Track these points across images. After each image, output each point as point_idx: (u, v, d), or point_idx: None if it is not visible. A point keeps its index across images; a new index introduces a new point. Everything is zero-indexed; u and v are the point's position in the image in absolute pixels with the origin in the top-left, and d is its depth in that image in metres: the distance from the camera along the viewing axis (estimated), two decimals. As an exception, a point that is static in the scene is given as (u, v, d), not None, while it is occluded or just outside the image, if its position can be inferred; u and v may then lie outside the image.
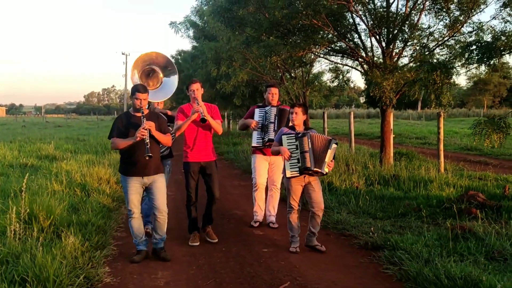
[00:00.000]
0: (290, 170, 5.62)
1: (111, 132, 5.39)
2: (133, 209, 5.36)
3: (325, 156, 5.58)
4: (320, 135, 5.68)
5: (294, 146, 5.62)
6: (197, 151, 6.12)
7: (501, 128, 6.53)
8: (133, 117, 5.39)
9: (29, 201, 6.14)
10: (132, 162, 5.31)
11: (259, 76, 16.51)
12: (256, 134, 6.99)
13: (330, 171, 5.76)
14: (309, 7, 9.73)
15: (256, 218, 7.09)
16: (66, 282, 4.26)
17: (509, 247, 5.21)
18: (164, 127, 5.53)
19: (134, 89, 5.36)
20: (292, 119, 5.82)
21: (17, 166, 11.76)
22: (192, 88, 6.07)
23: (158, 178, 5.44)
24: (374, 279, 4.82)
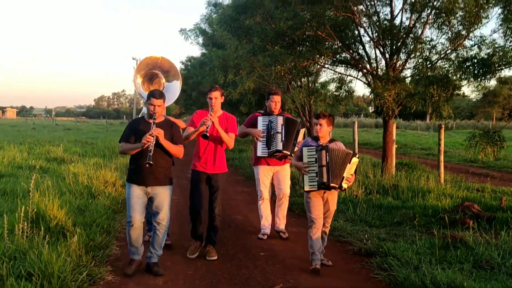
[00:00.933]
0: (308, 184, 5.41)
1: (122, 136, 5.29)
2: (133, 217, 5.11)
3: (344, 171, 5.29)
4: (340, 149, 5.40)
5: (313, 159, 5.41)
6: (206, 162, 5.88)
7: (495, 142, 6.71)
8: (144, 123, 5.22)
9: (37, 201, 6.40)
10: (136, 170, 5.14)
11: (265, 84, 16.76)
12: (261, 144, 6.71)
13: (350, 186, 5.58)
14: (314, 19, 9.98)
15: (264, 231, 6.87)
16: (69, 278, 4.50)
17: (496, 256, 5.39)
18: (177, 137, 5.30)
19: (150, 94, 5.20)
20: (317, 131, 5.52)
21: (26, 167, 12.04)
22: (210, 96, 5.79)
23: (163, 190, 5.22)
24: (364, 283, 5.03)
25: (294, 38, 11.14)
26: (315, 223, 5.47)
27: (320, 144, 5.46)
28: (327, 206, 5.57)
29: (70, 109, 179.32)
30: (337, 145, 5.51)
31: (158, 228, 5.24)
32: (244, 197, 10.37)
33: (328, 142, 5.53)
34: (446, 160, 17.48)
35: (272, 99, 6.83)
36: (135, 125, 5.31)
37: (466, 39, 10.27)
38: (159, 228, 5.24)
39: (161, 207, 5.21)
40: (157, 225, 5.24)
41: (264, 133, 6.69)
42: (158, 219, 5.22)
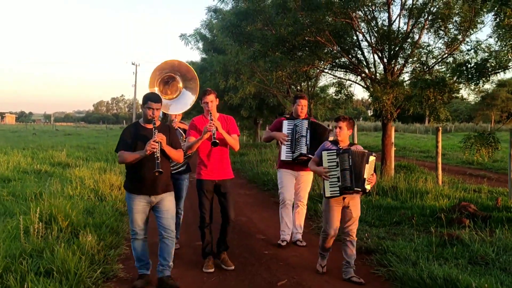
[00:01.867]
0: (329, 190, 5.19)
1: (118, 144, 4.92)
2: (137, 229, 4.93)
3: (364, 172, 5.10)
4: (360, 150, 5.23)
5: (334, 163, 5.18)
6: (211, 168, 5.59)
7: (490, 143, 6.96)
8: (142, 129, 4.92)
9: (49, 203, 6.64)
10: (138, 179, 4.85)
11: (266, 89, 17.05)
12: (285, 148, 6.55)
13: (372, 187, 5.36)
14: (313, 24, 10.25)
15: (284, 237, 6.62)
16: (85, 275, 4.74)
17: (491, 253, 5.63)
18: (175, 141, 5.05)
19: (146, 97, 4.89)
20: (336, 134, 5.30)
21: (31, 172, 12.28)
22: (205, 100, 5.48)
23: (167, 197, 4.99)
24: (364, 279, 5.25)
25: (294, 44, 11.41)
26: (330, 234, 5.29)
27: (340, 147, 5.26)
28: (350, 214, 5.27)
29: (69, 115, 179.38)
30: (358, 149, 5.29)
31: (166, 236, 4.96)
32: (246, 199, 10.60)
33: (348, 146, 5.31)
34: (445, 162, 17.76)
35: (299, 103, 6.65)
36: (133, 132, 4.94)
37: (462, 44, 10.56)
38: (166, 235, 4.96)
39: (166, 213, 4.96)
40: (164, 233, 4.96)
41: (289, 136, 6.54)
42: (165, 226, 4.95)
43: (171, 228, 4.98)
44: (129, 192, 4.96)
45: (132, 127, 5.05)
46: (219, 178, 5.62)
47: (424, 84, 8.00)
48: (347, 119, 5.32)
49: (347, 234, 5.30)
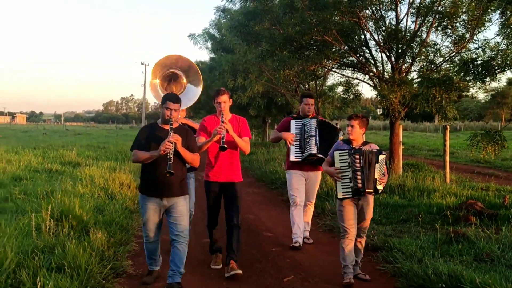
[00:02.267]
0: (342, 191, 5.06)
1: (133, 143, 4.86)
2: (149, 233, 4.88)
3: (374, 173, 4.98)
4: (370, 150, 5.08)
5: (346, 163, 5.05)
6: (219, 170, 5.48)
7: (496, 141, 6.99)
8: (158, 129, 4.85)
9: (60, 201, 6.76)
10: (151, 180, 4.79)
11: (274, 88, 17.12)
12: (294, 148, 6.43)
13: (384, 187, 5.17)
14: (321, 24, 10.31)
15: (296, 239, 6.44)
16: (95, 271, 4.84)
17: (496, 250, 5.67)
18: (192, 145, 4.94)
19: (165, 97, 4.83)
20: (348, 133, 5.15)
21: (42, 171, 12.43)
22: (218, 100, 5.36)
23: (181, 201, 4.84)
24: (370, 275, 5.32)
25: (302, 43, 11.48)
26: (348, 233, 5.09)
27: (353, 147, 5.11)
28: (362, 215, 5.16)
29: (79, 114, 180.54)
30: (371, 147, 5.15)
31: (178, 241, 4.78)
32: (255, 197, 10.68)
33: (361, 144, 5.15)
34: (453, 161, 17.78)
35: (306, 101, 6.57)
36: (149, 131, 4.88)
37: (469, 42, 10.57)
38: (179, 241, 4.78)
39: (179, 218, 4.80)
40: (176, 238, 4.78)
41: (297, 136, 6.43)
42: (177, 231, 4.79)
43: (183, 234, 4.81)
44: (141, 193, 4.90)
45: (149, 127, 5.00)
46: (226, 180, 5.49)
47: (430, 83, 8.05)
48: (360, 117, 5.16)
49: (358, 235, 5.20)
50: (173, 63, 6.21)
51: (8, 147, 18.60)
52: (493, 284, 4.34)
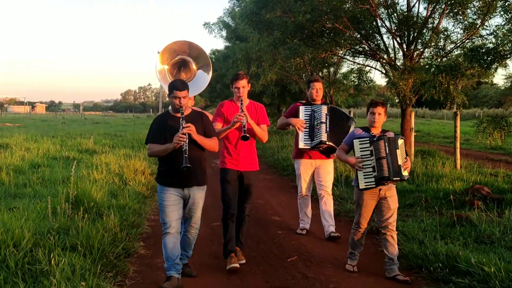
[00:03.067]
0: (364, 181, 4.82)
1: (147, 136, 4.71)
2: (169, 222, 4.56)
3: (397, 159, 4.77)
4: (391, 137, 4.88)
5: (368, 151, 4.84)
6: (237, 158, 5.28)
7: (502, 127, 7.06)
8: (171, 119, 4.63)
9: (75, 186, 7.03)
10: (171, 172, 4.57)
11: (287, 76, 17.23)
12: (303, 135, 6.19)
13: (408, 173, 4.93)
14: (331, 12, 10.39)
15: (303, 226, 6.50)
16: (107, 250, 5.09)
17: (497, 232, 5.79)
18: (209, 129, 4.75)
19: (172, 86, 4.61)
20: (374, 121, 4.93)
21: (60, 158, 12.77)
22: (237, 85, 5.19)
23: (199, 192, 4.72)
24: (372, 257, 5.52)
25: (313, 31, 11.57)
26: (361, 227, 5.04)
27: (373, 134, 4.92)
28: (387, 205, 4.92)
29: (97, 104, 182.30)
30: (390, 135, 4.96)
31: (190, 232, 4.84)
32: (266, 183, 10.87)
33: (381, 133, 4.98)
34: (467, 148, 17.80)
35: (313, 86, 6.32)
36: (161, 122, 4.68)
37: (481, 28, 10.56)
38: (191, 231, 4.84)
39: (195, 210, 4.73)
40: (189, 229, 4.83)
41: (307, 123, 6.18)
42: (192, 223, 4.80)
43: (196, 225, 4.82)
44: (161, 184, 4.65)
45: (161, 117, 4.79)
46: (244, 169, 5.30)
47: (437, 70, 8.12)
48: (385, 105, 4.97)
49: (386, 228, 4.93)
50: (182, 49, 6.01)
51: (27, 136, 19.01)
52: (488, 263, 4.48)
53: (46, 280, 4.13)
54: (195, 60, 6.04)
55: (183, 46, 6.02)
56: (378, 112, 4.90)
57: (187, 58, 6.03)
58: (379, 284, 4.77)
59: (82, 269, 4.46)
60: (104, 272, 4.68)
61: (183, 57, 6.03)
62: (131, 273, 4.91)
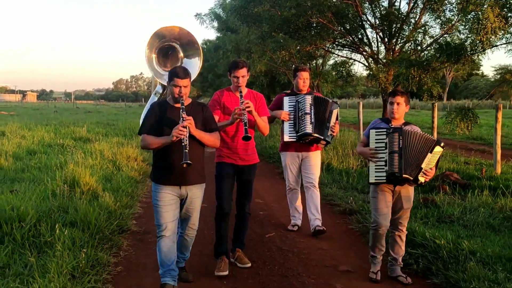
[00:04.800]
0: (375, 175, 4.48)
1: (141, 126, 4.30)
2: (165, 224, 4.15)
3: (422, 161, 4.36)
4: (419, 133, 4.43)
5: (383, 144, 4.47)
6: (235, 151, 4.88)
7: (469, 118, 7.65)
8: (170, 109, 4.21)
9: (72, 170, 7.57)
10: (167, 167, 4.17)
11: (275, 67, 17.76)
12: (288, 127, 5.92)
13: (427, 181, 4.55)
14: (315, 7, 10.93)
15: (294, 222, 6.36)
16: (103, 226, 5.65)
17: (457, 213, 6.41)
18: (211, 123, 4.35)
19: (172, 73, 4.16)
20: (393, 111, 4.54)
21: (55, 146, 13.26)
22: (236, 74, 4.79)
23: (198, 191, 4.33)
24: (343, 233, 6.12)
25: (298, 25, 12.08)
26: (379, 225, 4.57)
27: (391, 126, 4.55)
28: (400, 204, 4.59)
29: (89, 93, 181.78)
30: (413, 129, 4.54)
31: (188, 233, 4.46)
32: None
33: (402, 124, 4.58)
34: (450, 138, 18.41)
35: (300, 75, 6.03)
36: (160, 112, 4.23)
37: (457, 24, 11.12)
38: (188, 233, 4.46)
39: (192, 210, 4.35)
40: (186, 231, 4.45)
41: (291, 114, 5.91)
42: (189, 225, 4.42)
43: (194, 227, 4.44)
44: (156, 182, 4.23)
45: (158, 106, 4.31)
46: (243, 163, 4.92)
47: (408, 64, 8.71)
48: (405, 93, 4.60)
49: (395, 227, 4.66)
50: (171, 35, 5.76)
51: (21, 124, 19.44)
52: (440, 236, 5.09)
53: (50, 250, 4.67)
54: (183, 48, 5.82)
55: (172, 31, 5.75)
56: (397, 101, 4.50)
57: (175, 44, 5.78)
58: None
59: (81, 241, 5.03)
60: (100, 244, 5.24)
61: (171, 44, 5.79)
62: (125, 247, 5.47)
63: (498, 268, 4.47)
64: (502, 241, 5.33)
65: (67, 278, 4.16)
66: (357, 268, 4.95)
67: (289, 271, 4.83)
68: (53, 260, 4.37)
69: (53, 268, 4.17)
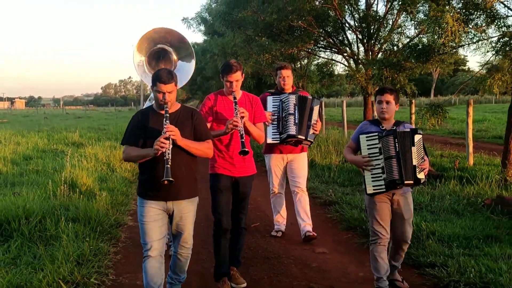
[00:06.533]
0: (372, 185, 4.07)
1: (124, 135, 3.89)
2: (150, 243, 3.75)
3: (412, 158, 4.01)
4: (403, 129, 4.11)
5: (376, 149, 4.07)
6: (231, 162, 4.45)
7: (439, 114, 8.26)
8: (154, 117, 3.80)
9: (70, 172, 8.10)
10: (151, 181, 3.76)
11: (261, 69, 18.37)
12: (272, 129, 5.64)
13: (426, 175, 4.16)
14: (295, 12, 11.54)
15: (278, 227, 6.09)
16: (102, 220, 6.19)
17: (426, 200, 7.02)
18: (202, 130, 3.88)
19: (155, 77, 3.73)
20: (382, 111, 4.12)
21: (49, 151, 13.76)
22: (229, 79, 4.36)
23: (189, 206, 3.87)
24: (322, 222, 6.70)
25: (280, 28, 12.69)
26: (381, 237, 4.14)
27: (383, 128, 4.14)
28: (400, 214, 4.19)
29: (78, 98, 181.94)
30: (405, 127, 4.20)
31: (181, 253, 3.97)
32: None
33: (393, 125, 4.17)
34: (432, 133, 19.08)
35: (280, 74, 5.77)
36: (141, 120, 3.83)
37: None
38: (181, 252, 3.97)
39: (184, 226, 3.88)
40: (179, 250, 3.96)
41: (275, 115, 5.64)
42: (181, 242, 3.94)
43: (187, 245, 3.95)
44: (140, 197, 3.85)
45: (142, 114, 3.91)
46: (239, 174, 4.50)
47: (380, 64, 9.32)
48: (395, 91, 4.19)
49: (400, 237, 4.27)
50: (161, 37, 5.43)
51: (14, 131, 19.87)
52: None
53: (56, 242, 5.21)
54: (176, 50, 5.48)
55: (162, 34, 5.44)
56: (386, 100, 4.09)
57: (167, 47, 5.45)
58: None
59: (83, 234, 5.57)
60: (101, 236, 5.77)
61: (163, 47, 5.45)
62: (123, 238, 6.02)
63: (453, 245, 5.09)
64: (463, 223, 5.93)
65: (73, 264, 4.69)
66: (333, 250, 5.55)
67: (270, 254, 5.40)
68: (60, 249, 4.91)
69: (61, 256, 4.71)
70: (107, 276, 4.74)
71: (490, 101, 60.42)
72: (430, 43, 7.88)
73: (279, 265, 5.06)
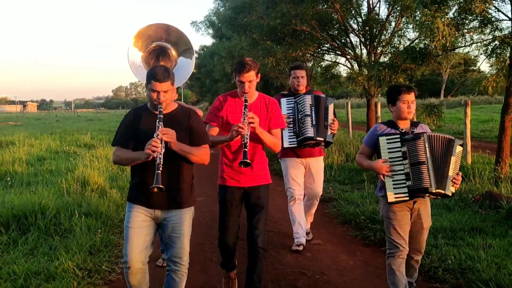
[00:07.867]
0: (394, 192, 3.68)
1: (115, 136, 3.61)
2: (129, 253, 3.41)
3: (448, 168, 3.63)
4: (441, 135, 3.69)
5: (399, 153, 3.69)
6: (239, 170, 3.98)
7: (434, 113, 8.61)
8: (147, 117, 3.52)
9: (82, 171, 8.55)
10: (140, 185, 3.50)
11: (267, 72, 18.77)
12: (288, 132, 5.37)
13: (456, 189, 3.80)
14: (298, 16, 11.93)
15: (299, 241, 5.55)
16: (113, 215, 6.61)
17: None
18: (198, 133, 3.56)
19: (150, 75, 3.46)
20: (409, 111, 3.76)
21: (61, 152, 14.25)
22: (241, 79, 3.93)
23: (181, 215, 3.52)
24: (320, 217, 7.06)
25: (284, 32, 13.08)
26: (401, 250, 3.81)
27: (402, 130, 3.79)
28: (419, 224, 3.87)
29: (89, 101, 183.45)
30: (424, 129, 3.88)
31: (174, 270, 3.54)
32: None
33: (410, 126, 3.85)
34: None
35: (294, 74, 5.51)
36: (133, 120, 3.55)
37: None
38: (175, 269, 3.54)
39: (176, 239, 3.52)
40: (172, 265, 3.55)
41: (290, 117, 5.39)
42: (173, 256, 3.54)
43: (181, 261, 3.53)
44: (129, 202, 3.59)
45: (134, 113, 3.62)
46: (249, 184, 4.06)
47: (379, 66, 9.67)
48: (414, 89, 3.88)
49: (414, 251, 3.95)
50: (158, 34, 5.10)
51: (27, 133, 20.42)
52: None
53: (70, 235, 5.64)
54: (175, 46, 5.14)
55: (159, 30, 5.12)
56: (412, 100, 3.77)
57: (165, 44, 5.14)
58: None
59: (95, 227, 5.99)
60: (111, 230, 6.20)
61: (160, 44, 5.13)
62: (132, 232, 6.43)
63: (438, 236, 5.45)
64: (452, 217, 6.29)
65: (86, 253, 5.12)
66: (327, 241, 5.93)
67: (268, 245, 5.76)
68: (74, 240, 5.34)
69: (75, 246, 5.14)
70: (117, 264, 5.16)
71: (500, 102, 60.06)
72: (425, 46, 8.22)
73: (275, 255, 5.45)
